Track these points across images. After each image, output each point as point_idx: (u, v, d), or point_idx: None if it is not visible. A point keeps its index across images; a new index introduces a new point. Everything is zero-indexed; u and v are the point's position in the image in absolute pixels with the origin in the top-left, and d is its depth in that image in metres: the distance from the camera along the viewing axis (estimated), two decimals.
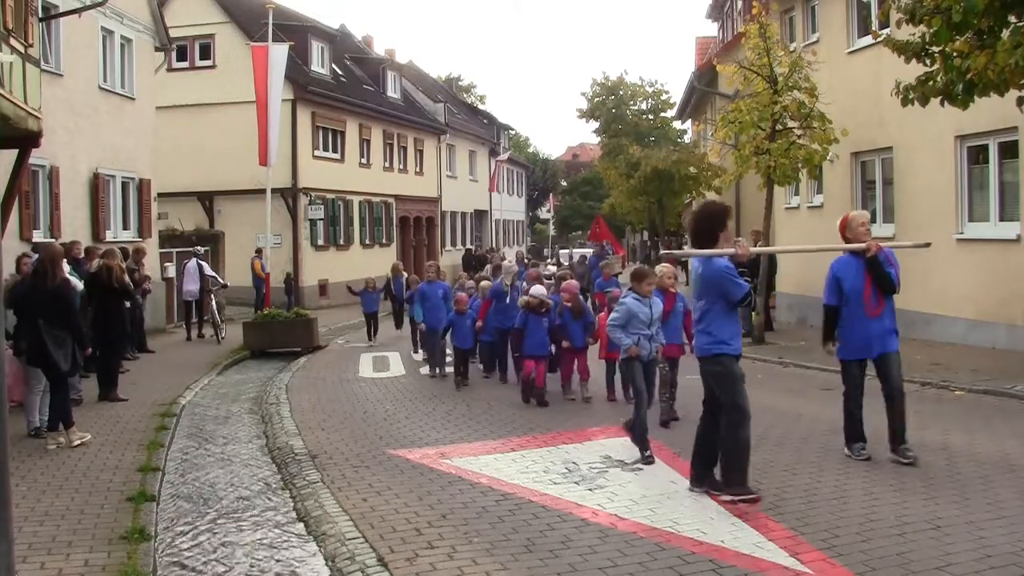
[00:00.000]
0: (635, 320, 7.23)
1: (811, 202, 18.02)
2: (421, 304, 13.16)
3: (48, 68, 14.53)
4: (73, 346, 8.30)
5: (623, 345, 7.23)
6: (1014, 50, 7.74)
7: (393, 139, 33.90)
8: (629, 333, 7.22)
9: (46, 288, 8.20)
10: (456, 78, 61.24)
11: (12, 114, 8.72)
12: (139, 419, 9.71)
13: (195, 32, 26.61)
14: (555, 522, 5.70)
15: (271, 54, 17.80)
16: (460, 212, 42.77)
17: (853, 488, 6.28)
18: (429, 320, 12.84)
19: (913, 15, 8.70)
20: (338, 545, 5.52)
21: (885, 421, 6.91)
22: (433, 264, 14.61)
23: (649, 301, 7.34)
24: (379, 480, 6.91)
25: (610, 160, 39.29)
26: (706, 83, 25.70)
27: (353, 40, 39.63)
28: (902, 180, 14.41)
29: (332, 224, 28.78)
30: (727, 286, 5.86)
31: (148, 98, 19.75)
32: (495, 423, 9.02)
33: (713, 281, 5.89)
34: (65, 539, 5.72)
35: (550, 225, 72.65)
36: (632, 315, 7.23)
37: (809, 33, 18.12)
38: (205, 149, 25.72)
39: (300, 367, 14.42)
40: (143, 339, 15.53)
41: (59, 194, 15.87)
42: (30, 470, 7.41)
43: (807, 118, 14.00)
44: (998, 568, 4.76)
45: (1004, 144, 12.03)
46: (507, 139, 54.35)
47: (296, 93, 26.01)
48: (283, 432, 9.06)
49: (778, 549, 5.12)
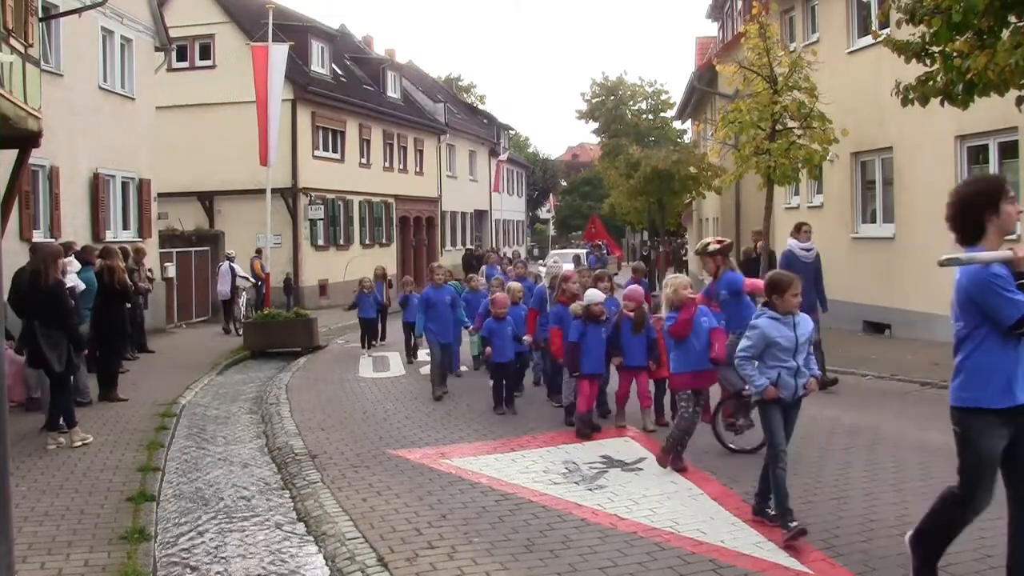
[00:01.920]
0: (774, 348, 5.39)
1: (811, 202, 18.02)
2: (423, 313, 11.12)
3: (48, 68, 14.52)
4: (69, 347, 8.29)
5: (756, 386, 5.41)
6: (1014, 50, 7.73)
7: (393, 139, 33.90)
8: (767, 366, 5.40)
9: (40, 289, 8.19)
10: (456, 78, 61.31)
11: (12, 114, 8.71)
12: (139, 419, 9.71)
13: (195, 32, 26.60)
14: (555, 522, 5.70)
15: (271, 54, 17.79)
16: (460, 212, 42.78)
17: (853, 488, 6.29)
18: (437, 333, 10.83)
19: (913, 15, 8.69)
20: (338, 545, 5.52)
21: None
22: (441, 267, 12.26)
23: (792, 320, 5.44)
24: (379, 480, 6.91)
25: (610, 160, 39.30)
26: (706, 83, 25.70)
27: (353, 40, 39.64)
28: (902, 180, 14.41)
29: (332, 224, 28.78)
30: (993, 303, 3.90)
31: (148, 98, 19.75)
32: (495, 423, 9.01)
33: (973, 295, 3.98)
34: (65, 539, 5.73)
35: (550, 225, 72.67)
36: (769, 341, 5.38)
37: (809, 33, 18.12)
38: (205, 149, 25.72)
39: (300, 367, 14.42)
40: (143, 339, 15.54)
41: (59, 194, 15.86)
42: (30, 470, 7.41)
43: (807, 118, 13.99)
44: (998, 568, 4.77)
45: (1004, 144, 12.03)
46: (507, 139, 54.36)
47: (296, 93, 26.02)
48: (283, 432, 9.06)
49: (778, 549, 5.13)
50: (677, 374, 7.02)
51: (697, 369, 6.92)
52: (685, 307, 6.87)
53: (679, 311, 6.87)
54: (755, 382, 5.38)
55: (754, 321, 5.52)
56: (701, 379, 7.02)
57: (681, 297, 6.93)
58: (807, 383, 5.48)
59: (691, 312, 6.86)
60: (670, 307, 6.95)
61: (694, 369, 6.91)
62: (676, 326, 6.84)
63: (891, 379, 10.87)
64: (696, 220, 34.77)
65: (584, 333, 8.28)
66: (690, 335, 6.85)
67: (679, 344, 6.89)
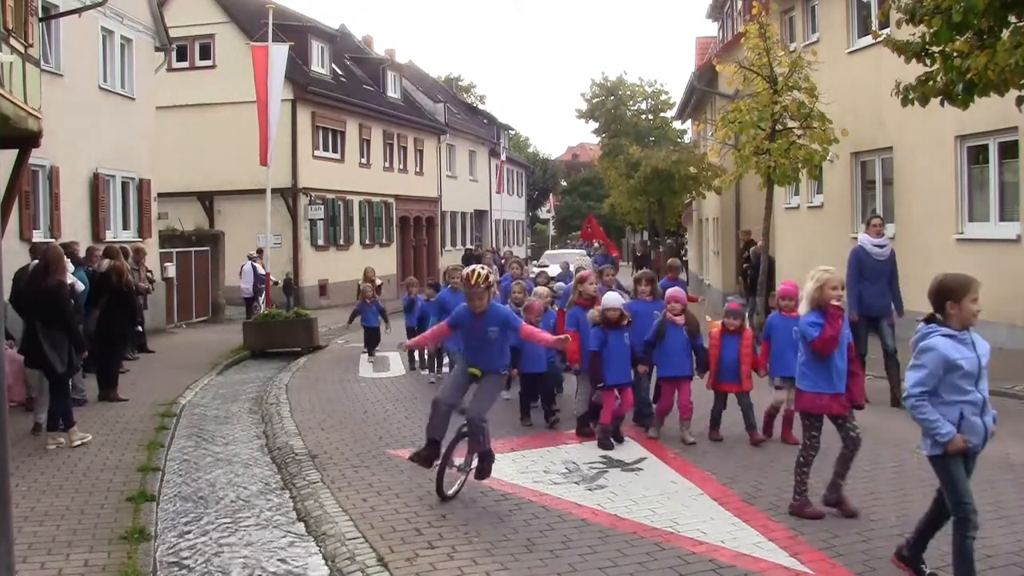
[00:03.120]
0: (954, 376, 4.16)
1: (811, 202, 18.02)
2: (438, 319, 9.97)
3: (48, 68, 14.52)
4: (70, 348, 8.29)
5: (941, 435, 4.14)
6: (1014, 50, 7.73)
7: (393, 139, 33.90)
8: (943, 403, 4.17)
9: (41, 289, 8.19)
10: (456, 78, 61.32)
11: (12, 114, 8.72)
12: (139, 419, 9.71)
13: (195, 32, 26.61)
14: (555, 522, 5.70)
15: (271, 54, 17.79)
16: (460, 212, 42.79)
17: (853, 488, 6.28)
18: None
19: (913, 15, 8.70)
20: (338, 545, 5.52)
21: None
22: (459, 269, 10.79)
23: (969, 336, 4.25)
24: (379, 480, 6.90)
25: (610, 160, 39.33)
26: (706, 83, 25.70)
27: (353, 40, 39.64)
28: (902, 180, 14.41)
29: (332, 224, 28.79)
30: None
31: (148, 98, 19.75)
32: (495, 423, 8.92)
33: None
34: (65, 539, 5.72)
35: (550, 225, 72.71)
36: (950, 366, 4.15)
37: (809, 33, 18.13)
38: (205, 149, 25.72)
39: (300, 367, 14.41)
40: (143, 339, 15.54)
41: (59, 194, 15.86)
42: (30, 470, 7.41)
43: (807, 118, 14.00)
44: (998, 568, 4.77)
45: (1004, 144, 12.02)
46: (507, 139, 54.39)
47: (296, 93, 26.02)
48: (283, 432, 9.06)
49: (778, 549, 5.13)
50: (814, 393, 5.59)
51: (838, 391, 5.62)
52: (832, 316, 5.48)
53: (825, 317, 5.48)
54: (939, 430, 4.12)
55: (927, 342, 4.21)
56: (839, 402, 5.66)
57: (827, 298, 5.51)
58: (994, 421, 4.27)
59: (840, 324, 5.48)
60: (811, 307, 5.58)
61: (834, 391, 5.60)
62: (822, 342, 5.47)
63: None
64: (696, 220, 34.78)
65: (605, 341, 7.66)
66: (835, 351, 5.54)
67: (817, 358, 5.56)
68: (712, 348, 7.84)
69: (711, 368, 7.84)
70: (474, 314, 6.24)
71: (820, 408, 5.61)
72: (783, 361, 7.33)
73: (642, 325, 7.92)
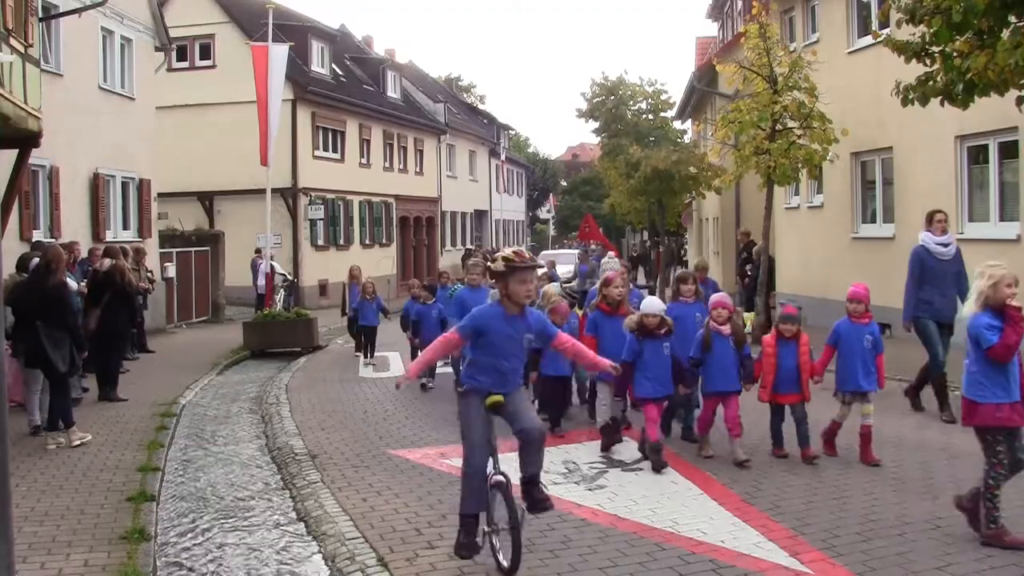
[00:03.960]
0: None
1: (811, 202, 18.01)
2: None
3: (48, 68, 14.52)
4: (71, 347, 8.29)
5: None
6: (1014, 50, 7.72)
7: (393, 139, 33.91)
8: None
9: (43, 289, 8.20)
10: (456, 78, 61.24)
11: (12, 114, 8.72)
12: (139, 419, 9.71)
13: (195, 32, 26.62)
14: (555, 522, 5.69)
15: (271, 54, 17.78)
16: (460, 212, 42.79)
17: (853, 488, 6.29)
18: None
19: (913, 15, 8.69)
20: (338, 545, 5.52)
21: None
22: (479, 263, 10.54)
23: None
24: (379, 480, 6.90)
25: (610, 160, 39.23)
26: (706, 83, 25.70)
27: (353, 40, 39.65)
28: (902, 180, 14.40)
29: (332, 224, 28.80)
30: None
31: (148, 98, 19.76)
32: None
33: None
34: (65, 539, 5.72)
35: (550, 225, 72.67)
36: None
37: (809, 33, 18.12)
38: (205, 149, 25.73)
39: (300, 367, 14.41)
40: (143, 339, 15.54)
41: (59, 194, 15.87)
42: (30, 470, 7.41)
43: (807, 118, 14.00)
44: (998, 568, 4.77)
45: (1004, 144, 12.02)
46: (507, 139, 54.38)
47: (296, 93, 26.02)
48: (283, 432, 9.06)
49: (778, 549, 5.12)
50: (993, 404, 5.00)
51: (1015, 400, 5.00)
52: (1013, 318, 4.85)
53: (1004, 320, 4.88)
54: None
55: None
56: (1019, 412, 5.03)
57: (1002, 297, 4.87)
58: None
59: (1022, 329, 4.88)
60: (982, 307, 4.99)
61: (1012, 399, 4.99)
62: (1004, 348, 4.87)
63: (891, 379, 10.81)
64: (696, 220, 34.78)
65: (640, 351, 6.90)
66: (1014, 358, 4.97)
67: (993, 364, 4.95)
68: (767, 357, 7.07)
69: (767, 379, 7.09)
70: (507, 314, 4.86)
71: (1000, 421, 4.98)
72: (851, 374, 6.90)
73: (683, 331, 7.27)
